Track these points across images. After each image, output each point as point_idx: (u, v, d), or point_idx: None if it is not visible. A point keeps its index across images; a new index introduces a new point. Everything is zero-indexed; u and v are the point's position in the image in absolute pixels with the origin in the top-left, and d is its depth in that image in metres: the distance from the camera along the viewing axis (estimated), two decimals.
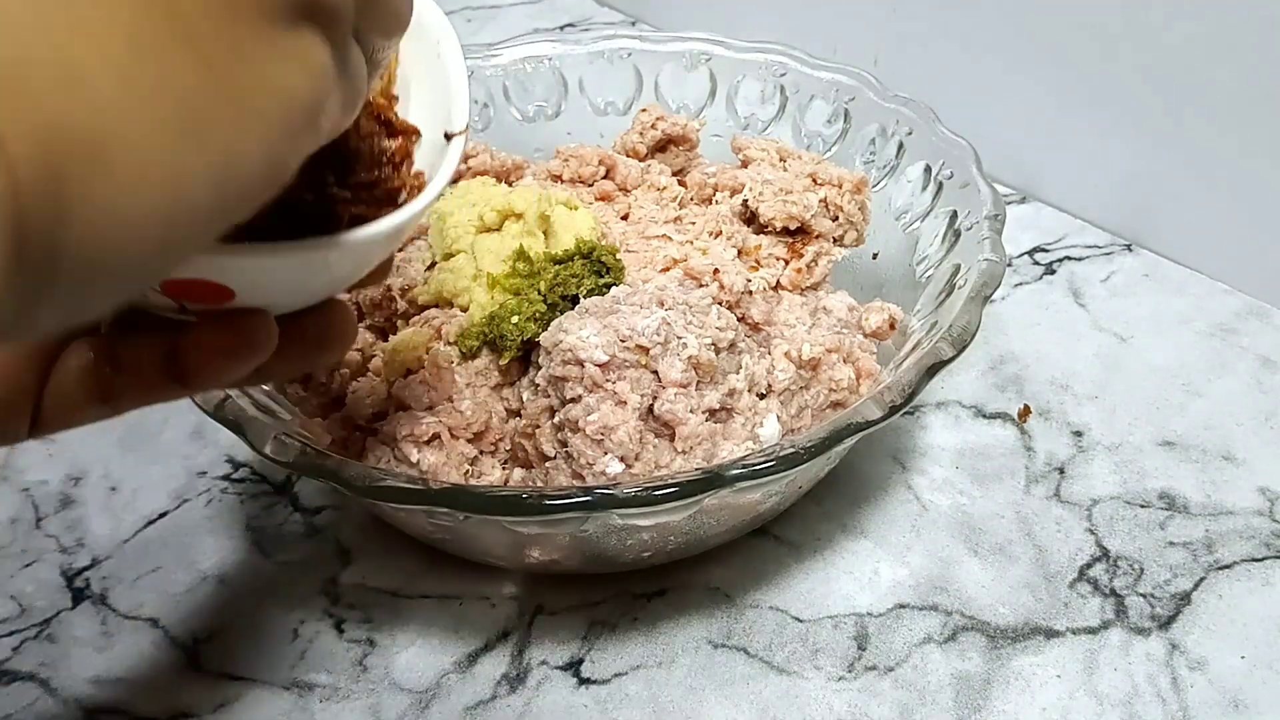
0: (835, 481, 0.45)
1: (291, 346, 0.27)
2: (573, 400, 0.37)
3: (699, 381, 0.38)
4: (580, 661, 0.40)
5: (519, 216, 0.44)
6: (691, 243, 0.45)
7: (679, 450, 0.37)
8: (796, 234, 0.47)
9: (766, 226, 0.46)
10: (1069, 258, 0.58)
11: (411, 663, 0.40)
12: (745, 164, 0.50)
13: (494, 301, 0.42)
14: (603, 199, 0.49)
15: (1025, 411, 0.49)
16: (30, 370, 0.26)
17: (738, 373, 0.39)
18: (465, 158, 0.50)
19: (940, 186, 0.47)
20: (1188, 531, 0.43)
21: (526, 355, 0.41)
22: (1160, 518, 0.44)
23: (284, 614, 0.42)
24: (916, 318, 0.43)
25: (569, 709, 0.38)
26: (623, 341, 0.37)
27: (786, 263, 0.46)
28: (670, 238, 0.45)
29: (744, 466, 0.34)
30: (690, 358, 0.37)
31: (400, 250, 0.46)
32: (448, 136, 0.30)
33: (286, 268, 0.23)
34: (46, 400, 0.26)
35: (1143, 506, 0.44)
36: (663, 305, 0.39)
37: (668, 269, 0.44)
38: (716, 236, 0.46)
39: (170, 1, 0.17)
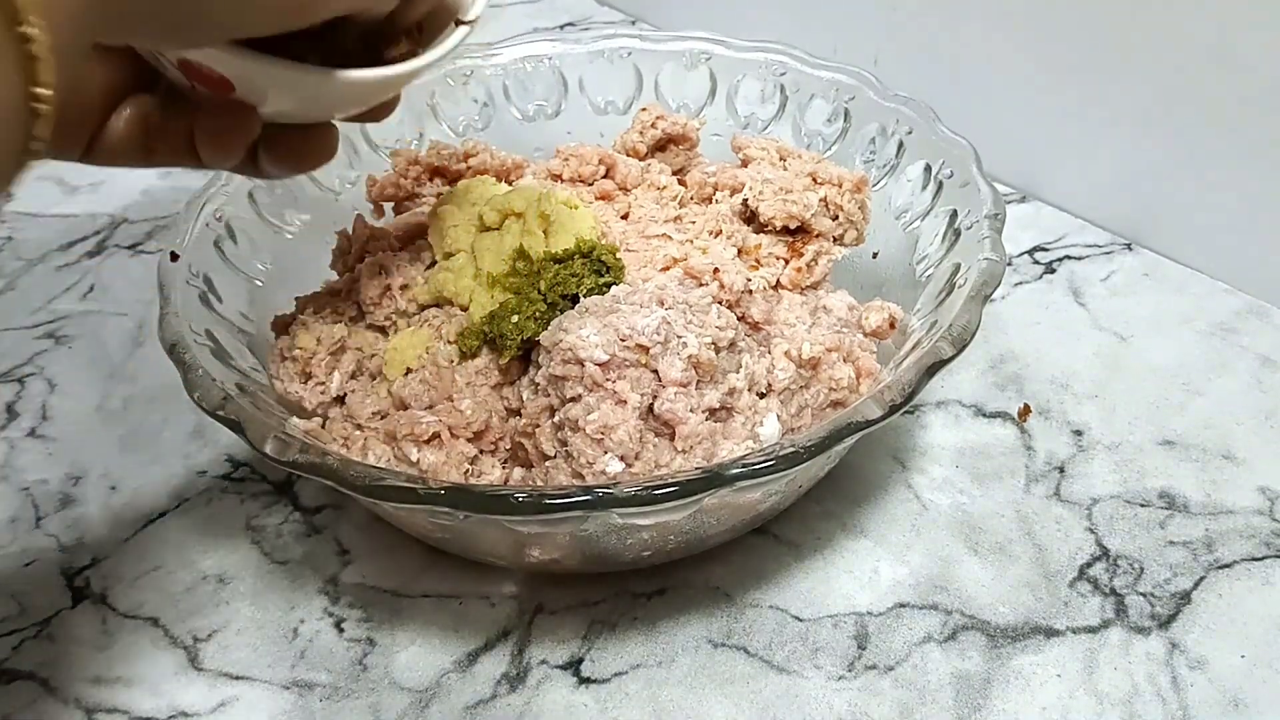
0: (835, 481, 0.45)
1: (279, 148, 0.33)
2: (573, 399, 0.37)
3: (699, 381, 0.38)
4: (580, 661, 0.40)
5: (519, 216, 0.44)
6: (691, 242, 0.45)
7: (679, 449, 0.37)
8: (796, 233, 0.47)
9: (766, 226, 0.46)
10: (1069, 257, 0.58)
11: (411, 662, 0.40)
12: (745, 163, 0.49)
13: (494, 301, 0.42)
14: (603, 198, 0.49)
15: (1025, 411, 0.49)
16: (100, 102, 0.30)
17: (738, 372, 0.39)
18: (465, 156, 0.50)
19: (940, 186, 0.47)
20: (1188, 531, 0.43)
21: (526, 354, 0.41)
22: (1160, 517, 0.44)
23: (284, 614, 0.42)
24: (916, 317, 0.43)
25: (569, 708, 0.38)
26: (623, 341, 0.37)
27: (786, 262, 0.46)
28: (670, 237, 0.45)
29: (744, 466, 0.34)
30: (690, 357, 0.37)
31: (400, 249, 0.46)
32: (458, 23, 0.34)
33: (274, 79, 0.27)
34: (103, 133, 0.31)
35: (1143, 506, 0.44)
36: (663, 304, 0.39)
37: (668, 268, 0.44)
38: (716, 236, 0.46)
39: None
